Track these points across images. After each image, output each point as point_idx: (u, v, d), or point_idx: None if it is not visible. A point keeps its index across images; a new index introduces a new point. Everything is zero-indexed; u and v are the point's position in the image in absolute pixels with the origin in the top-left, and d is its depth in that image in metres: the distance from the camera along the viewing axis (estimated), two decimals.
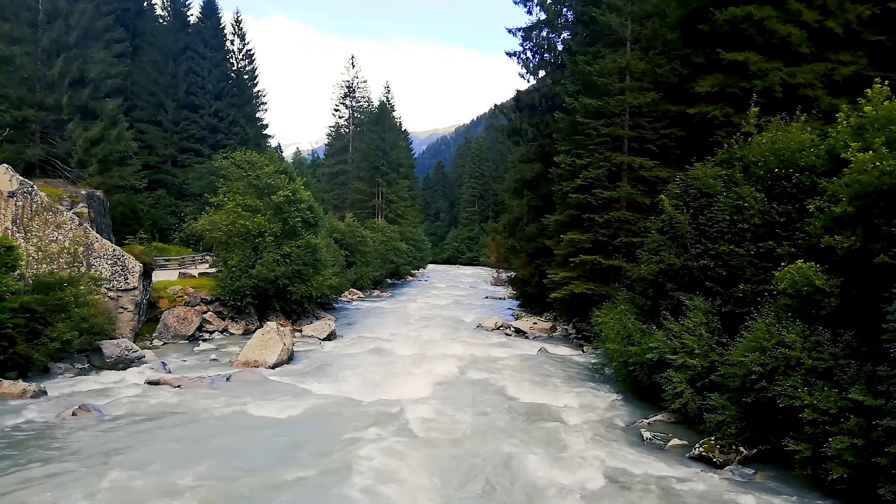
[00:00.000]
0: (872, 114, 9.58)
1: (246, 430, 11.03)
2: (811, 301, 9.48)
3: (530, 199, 28.48)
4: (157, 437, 10.36)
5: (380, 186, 60.80)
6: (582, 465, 9.69)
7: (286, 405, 12.61)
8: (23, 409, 11.60)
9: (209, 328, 21.58)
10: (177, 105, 43.98)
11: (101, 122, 29.07)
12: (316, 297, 25.65)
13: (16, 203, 17.32)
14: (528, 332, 24.41)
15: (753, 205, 11.63)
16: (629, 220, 19.52)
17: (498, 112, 37.53)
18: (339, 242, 37.12)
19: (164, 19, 48.01)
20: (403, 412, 12.27)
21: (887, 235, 8.55)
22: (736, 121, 15.24)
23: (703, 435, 10.51)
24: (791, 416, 8.79)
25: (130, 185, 32.53)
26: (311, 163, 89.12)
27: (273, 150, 34.86)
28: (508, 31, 29.70)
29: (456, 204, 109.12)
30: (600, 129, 20.09)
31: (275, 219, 23.54)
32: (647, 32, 20.63)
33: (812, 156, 11.27)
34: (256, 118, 51.19)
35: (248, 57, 50.49)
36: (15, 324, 13.23)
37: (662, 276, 13.58)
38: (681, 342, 11.55)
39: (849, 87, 15.40)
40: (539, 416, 12.46)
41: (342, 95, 67.22)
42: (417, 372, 16.24)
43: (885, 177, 8.51)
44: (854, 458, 7.79)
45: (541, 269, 25.10)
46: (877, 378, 8.01)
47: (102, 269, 18.28)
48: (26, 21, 26.98)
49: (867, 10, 16.43)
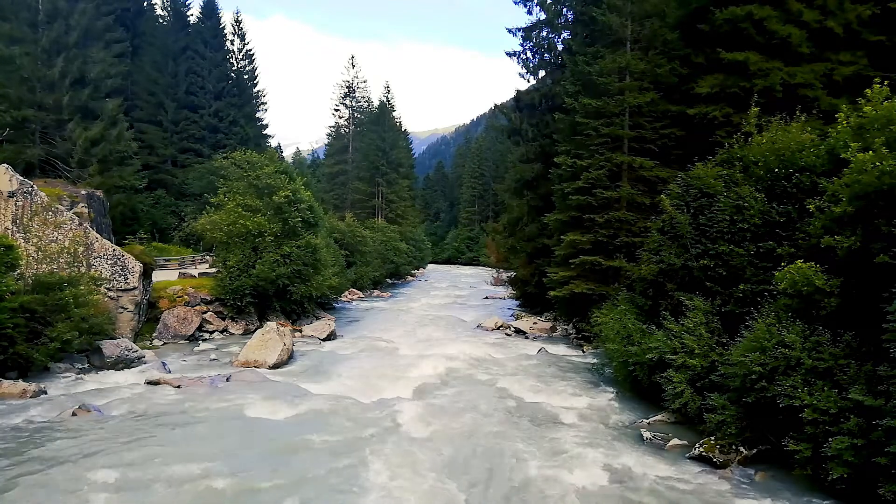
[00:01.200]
0: (872, 114, 9.58)
1: (246, 430, 11.03)
2: (811, 301, 9.49)
3: (530, 199, 28.48)
4: (156, 437, 10.36)
5: (380, 186, 60.84)
6: (582, 464, 9.70)
7: (286, 405, 12.62)
8: (23, 409, 11.62)
9: (209, 328, 21.58)
10: (177, 105, 44.03)
11: (101, 122, 29.07)
12: (316, 297, 25.67)
13: (16, 203, 17.32)
14: (528, 332, 24.40)
15: (753, 205, 11.63)
16: (629, 220, 19.53)
17: (498, 112, 37.55)
18: (339, 242, 37.11)
19: (164, 19, 48.07)
20: (403, 412, 12.28)
21: (887, 235, 8.55)
22: (736, 121, 15.25)
23: (703, 435, 10.51)
24: (791, 416, 8.79)
25: (130, 185, 32.53)
26: (311, 163, 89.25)
27: (273, 150, 34.91)
28: (508, 31, 29.77)
29: (456, 204, 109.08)
30: (600, 129, 20.10)
31: (275, 219, 23.55)
32: (646, 32, 20.64)
33: (812, 156, 11.29)
34: (256, 118, 51.22)
35: (248, 57, 50.52)
36: (15, 324, 13.26)
37: (662, 276, 13.58)
38: (681, 342, 11.56)
39: (849, 87, 15.42)
40: (539, 416, 12.47)
41: (342, 95, 67.31)
42: (417, 372, 16.24)
43: (885, 177, 8.52)
44: (854, 458, 7.80)
45: (541, 269, 25.10)
46: (877, 378, 8.02)
47: (102, 269, 18.29)
48: (26, 21, 26.98)
49: (867, 10, 16.46)
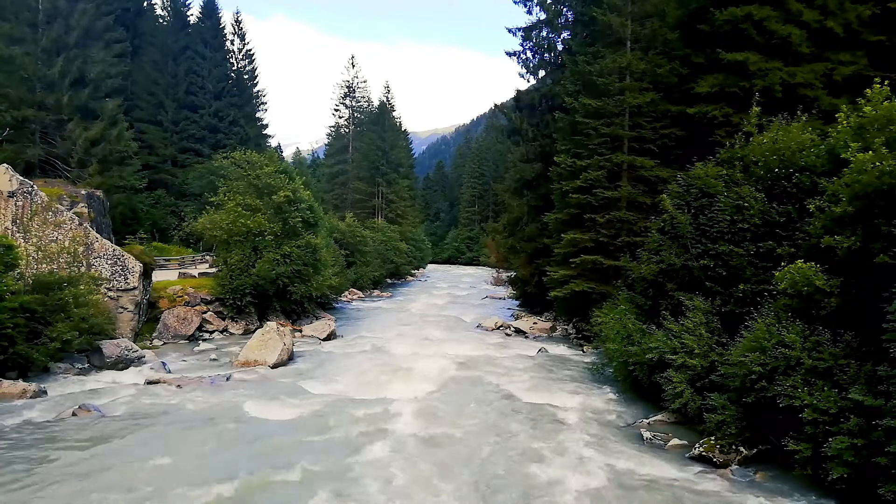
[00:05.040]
0: (872, 114, 9.58)
1: (246, 429, 11.03)
2: (811, 301, 9.48)
3: (530, 199, 28.48)
4: (156, 437, 10.36)
5: (380, 186, 60.81)
6: (581, 464, 9.70)
7: (286, 405, 12.63)
8: (23, 409, 11.63)
9: (209, 328, 21.59)
10: (177, 105, 43.97)
11: (101, 122, 29.04)
12: (316, 297, 25.67)
13: (16, 203, 17.33)
14: (528, 332, 24.40)
15: (753, 205, 11.63)
16: (630, 219, 19.52)
17: (498, 112, 37.54)
18: (339, 242, 37.10)
19: (164, 19, 48.02)
20: (403, 412, 12.29)
21: (887, 235, 8.54)
22: (736, 121, 15.25)
23: (703, 435, 10.50)
24: (791, 416, 8.78)
25: (130, 185, 32.53)
26: (311, 163, 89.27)
27: (273, 150, 34.94)
28: (508, 31, 29.78)
29: (456, 204, 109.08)
30: (600, 129, 20.10)
31: (275, 219, 23.56)
32: (647, 32, 20.63)
33: (812, 156, 11.28)
34: (256, 118, 51.19)
35: (248, 57, 50.49)
36: (15, 324, 13.25)
37: (663, 275, 13.57)
38: (681, 342, 11.55)
39: (849, 87, 15.41)
40: (539, 416, 12.46)
41: (342, 95, 67.21)
42: (417, 372, 16.25)
43: (885, 177, 8.51)
44: (854, 458, 7.79)
45: (541, 268, 25.09)
46: (877, 378, 8.01)
47: (102, 269, 18.29)
48: (26, 21, 26.95)
49: (867, 10, 16.45)
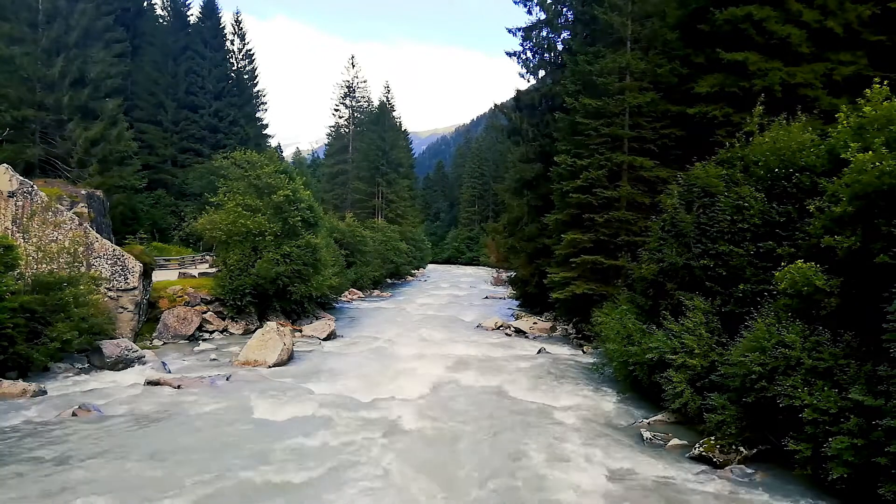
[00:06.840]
0: (872, 114, 9.58)
1: (246, 430, 11.03)
2: (811, 301, 9.48)
3: (530, 199, 28.45)
4: (156, 437, 10.36)
5: (380, 186, 60.80)
6: (581, 465, 9.69)
7: (286, 405, 12.62)
8: (23, 409, 11.62)
9: (209, 328, 21.58)
10: (177, 105, 44.01)
11: (101, 122, 29.08)
12: (316, 297, 25.65)
13: (16, 203, 17.32)
14: (528, 332, 24.40)
15: (753, 205, 11.63)
16: (630, 219, 19.51)
17: (498, 112, 37.48)
18: (339, 242, 37.08)
19: (164, 19, 48.06)
20: (403, 412, 12.29)
21: (887, 235, 8.54)
22: (736, 120, 15.25)
23: (703, 435, 10.50)
24: (791, 416, 8.79)
25: (130, 185, 32.55)
26: (311, 163, 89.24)
27: (273, 150, 34.90)
28: (508, 31, 29.71)
29: (456, 204, 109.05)
30: (600, 128, 20.09)
31: (275, 218, 23.55)
32: (647, 32, 20.64)
33: (812, 156, 11.28)
34: (256, 118, 51.24)
35: (248, 57, 50.54)
36: (15, 324, 13.24)
37: (663, 275, 13.58)
38: (681, 342, 11.55)
39: (849, 87, 15.40)
40: (539, 416, 12.46)
41: (342, 95, 67.26)
42: (417, 372, 16.25)
43: (885, 177, 8.51)
44: (854, 458, 7.79)
45: (541, 269, 25.09)
46: (877, 378, 8.01)
47: (102, 268, 18.29)
48: (26, 21, 26.98)
49: (867, 10, 16.44)
